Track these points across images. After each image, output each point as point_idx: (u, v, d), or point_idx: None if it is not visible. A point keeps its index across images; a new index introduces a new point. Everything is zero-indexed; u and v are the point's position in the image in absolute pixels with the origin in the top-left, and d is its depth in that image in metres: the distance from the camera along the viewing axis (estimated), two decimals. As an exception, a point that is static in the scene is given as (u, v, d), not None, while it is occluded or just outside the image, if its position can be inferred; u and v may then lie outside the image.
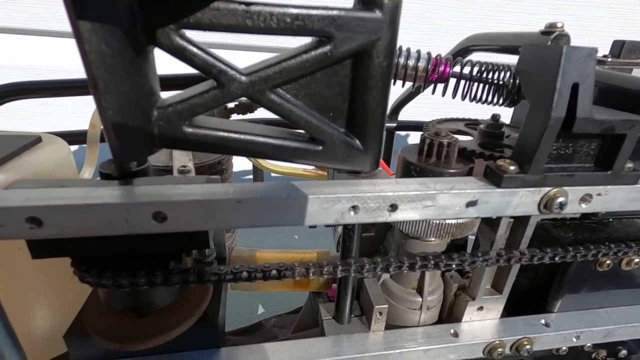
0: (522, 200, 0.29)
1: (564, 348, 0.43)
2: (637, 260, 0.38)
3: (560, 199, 0.28)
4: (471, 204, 0.28)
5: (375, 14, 0.23)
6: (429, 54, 0.35)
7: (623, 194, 0.30)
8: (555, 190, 0.28)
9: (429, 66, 0.34)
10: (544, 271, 0.41)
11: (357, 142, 0.28)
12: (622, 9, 0.99)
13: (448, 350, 0.36)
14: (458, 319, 0.39)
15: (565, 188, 0.29)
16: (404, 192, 0.27)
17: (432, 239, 0.35)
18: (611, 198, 0.30)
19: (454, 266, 0.31)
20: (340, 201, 0.26)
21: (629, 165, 0.30)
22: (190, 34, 0.21)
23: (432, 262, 0.31)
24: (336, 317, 0.38)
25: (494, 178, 0.28)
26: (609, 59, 0.40)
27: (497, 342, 0.37)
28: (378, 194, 0.26)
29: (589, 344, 0.44)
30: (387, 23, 0.24)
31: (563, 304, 0.40)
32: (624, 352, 0.47)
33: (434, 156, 0.32)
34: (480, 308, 0.38)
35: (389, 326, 0.38)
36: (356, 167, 0.29)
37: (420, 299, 0.37)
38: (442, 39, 0.99)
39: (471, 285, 0.38)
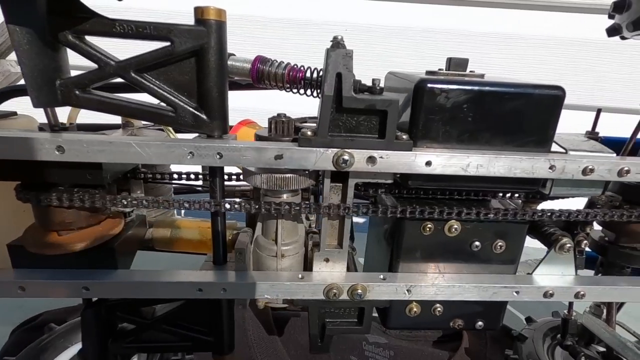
0: (319, 157, 0.40)
1: (415, 310, 0.50)
2: (456, 226, 0.46)
3: (345, 157, 0.39)
4: (278, 157, 0.39)
5: (201, 27, 0.37)
6: (288, 63, 0.48)
7: (398, 158, 0.40)
8: (341, 151, 0.39)
9: (284, 72, 0.47)
10: (390, 242, 0.49)
11: (203, 113, 0.41)
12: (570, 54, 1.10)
13: (291, 287, 0.46)
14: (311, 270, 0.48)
15: (350, 150, 0.40)
16: (229, 145, 0.39)
17: (284, 195, 0.46)
18: (393, 161, 0.40)
19: (282, 210, 0.42)
20: (182, 148, 0.38)
21: (404, 136, 0.41)
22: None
23: (267, 205, 0.42)
24: (214, 261, 0.48)
25: (298, 140, 0.40)
26: (441, 71, 0.51)
27: (334, 284, 0.45)
28: (210, 145, 0.39)
29: (439, 309, 0.51)
30: (212, 34, 0.38)
31: (403, 267, 0.48)
32: (480, 323, 0.52)
33: (273, 131, 0.44)
34: (327, 260, 0.47)
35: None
36: (206, 132, 0.41)
37: (275, 247, 0.47)
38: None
39: (320, 241, 0.47)
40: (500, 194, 0.49)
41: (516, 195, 0.51)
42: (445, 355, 0.67)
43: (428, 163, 0.41)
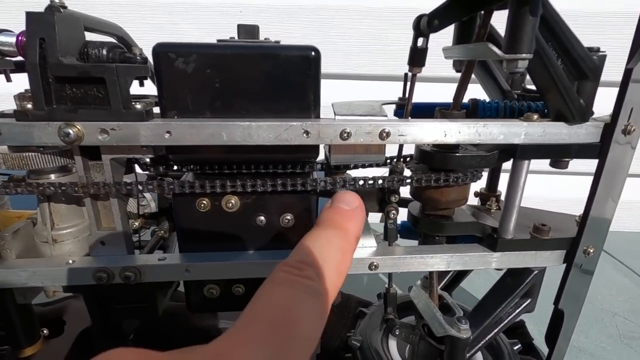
0: (41, 131, 0.37)
1: (213, 291, 0.48)
2: (233, 201, 0.44)
3: (67, 130, 0.36)
4: (-4, 133, 0.37)
5: None
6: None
7: (135, 130, 0.38)
8: (64, 123, 0.37)
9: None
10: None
11: None
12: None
13: (58, 273, 0.43)
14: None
15: (75, 123, 0.37)
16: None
17: (52, 176, 0.43)
18: (129, 132, 0.38)
19: (42, 190, 0.40)
20: None
21: (138, 106, 0.38)
22: None
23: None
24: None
25: (15, 114, 0.37)
26: (234, 38, 0.48)
27: (104, 267, 0.43)
28: None
29: (239, 289, 0.48)
30: None
31: (187, 246, 0.46)
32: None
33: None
34: (102, 243, 0.45)
35: (34, 259, 0.45)
36: None
37: (46, 233, 0.45)
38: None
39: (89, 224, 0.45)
40: (289, 165, 0.46)
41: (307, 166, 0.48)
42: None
43: (169, 133, 0.38)
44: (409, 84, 0.44)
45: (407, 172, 0.49)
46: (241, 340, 0.16)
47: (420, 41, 0.40)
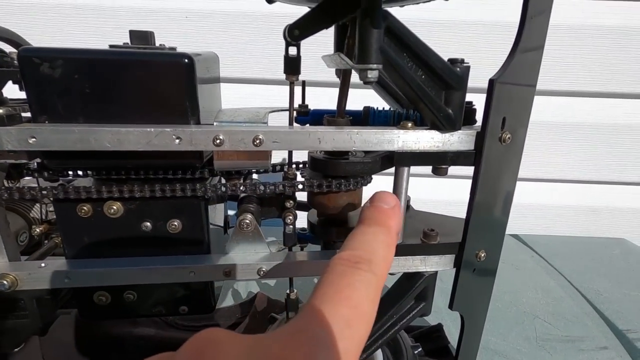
0: None
1: (103, 298, 0.48)
2: (115, 207, 0.44)
3: None
4: None
5: None
6: None
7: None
8: None
9: None
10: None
11: None
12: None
13: None
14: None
15: None
16: None
17: None
18: (-10, 138, 0.37)
19: None
20: None
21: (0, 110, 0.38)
22: None
23: None
24: None
25: None
26: (127, 43, 0.49)
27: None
28: None
29: (131, 295, 0.48)
30: None
31: (68, 253, 0.46)
32: (184, 307, 0.50)
33: None
34: (-21, 249, 0.44)
35: None
36: None
37: None
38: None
39: (-28, 229, 0.44)
40: (180, 171, 0.46)
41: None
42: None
43: (34, 138, 0.38)
44: (305, 90, 0.45)
45: (300, 179, 0.50)
46: (317, 318, 0.20)
47: (292, 50, 0.41)
